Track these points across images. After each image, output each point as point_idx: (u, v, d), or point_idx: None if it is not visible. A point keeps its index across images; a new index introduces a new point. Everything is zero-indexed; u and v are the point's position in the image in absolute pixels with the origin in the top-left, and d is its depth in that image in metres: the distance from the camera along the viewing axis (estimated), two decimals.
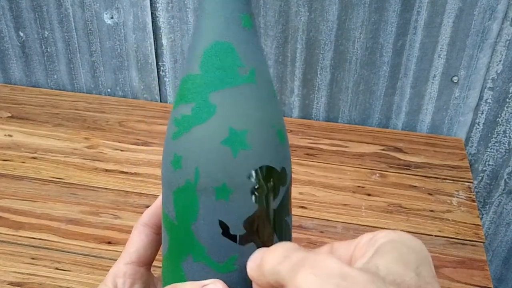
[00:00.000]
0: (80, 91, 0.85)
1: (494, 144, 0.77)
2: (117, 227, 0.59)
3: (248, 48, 0.29)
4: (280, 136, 0.29)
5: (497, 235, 0.84)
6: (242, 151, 0.28)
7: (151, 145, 0.72)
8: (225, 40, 0.28)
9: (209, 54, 0.28)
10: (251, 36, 0.29)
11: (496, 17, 0.67)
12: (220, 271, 0.28)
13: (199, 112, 0.28)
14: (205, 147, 0.28)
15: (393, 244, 0.24)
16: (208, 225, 0.28)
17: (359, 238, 0.26)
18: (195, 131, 0.28)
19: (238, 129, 0.28)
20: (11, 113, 0.78)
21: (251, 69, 0.29)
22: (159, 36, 0.77)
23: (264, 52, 0.31)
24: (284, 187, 0.29)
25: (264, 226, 0.28)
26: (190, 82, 0.29)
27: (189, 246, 0.29)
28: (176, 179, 0.29)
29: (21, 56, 0.83)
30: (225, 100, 0.28)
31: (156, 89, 0.82)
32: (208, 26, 0.29)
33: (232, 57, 0.28)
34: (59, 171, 0.66)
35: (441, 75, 0.73)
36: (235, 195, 0.28)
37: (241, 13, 0.29)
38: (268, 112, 0.29)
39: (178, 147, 0.29)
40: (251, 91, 0.28)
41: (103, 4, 0.76)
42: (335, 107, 0.78)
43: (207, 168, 0.28)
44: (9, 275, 0.53)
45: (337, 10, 0.70)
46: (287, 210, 0.30)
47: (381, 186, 0.66)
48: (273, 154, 0.29)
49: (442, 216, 0.61)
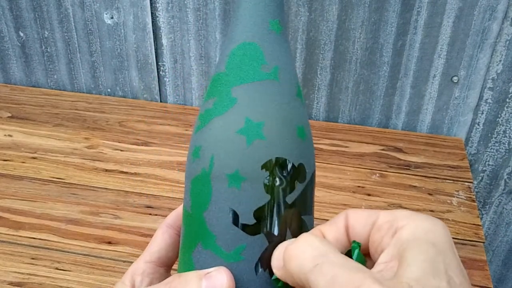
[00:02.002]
0: (80, 91, 0.85)
1: (494, 144, 0.77)
2: (117, 227, 0.59)
3: (273, 48, 0.30)
4: (299, 133, 0.30)
5: (497, 235, 0.85)
6: (257, 142, 0.28)
7: (151, 145, 0.72)
8: (252, 41, 0.30)
9: (236, 54, 0.30)
10: (278, 39, 0.30)
11: (496, 17, 0.67)
12: (227, 260, 0.28)
13: (219, 105, 0.29)
14: (222, 137, 0.29)
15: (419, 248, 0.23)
16: (219, 213, 0.28)
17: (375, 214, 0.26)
18: (214, 122, 0.29)
19: (255, 121, 0.28)
20: (11, 113, 0.78)
21: (274, 67, 0.30)
22: (159, 36, 0.77)
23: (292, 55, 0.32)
24: (302, 184, 0.29)
25: (275, 219, 0.28)
26: (216, 80, 0.30)
27: (200, 234, 0.29)
28: (194, 169, 0.30)
29: (21, 56, 0.83)
30: (245, 94, 0.29)
31: (156, 89, 0.82)
32: (237, 29, 0.30)
33: (256, 55, 0.29)
34: (59, 171, 0.66)
35: (441, 75, 0.73)
36: (247, 183, 0.28)
37: (270, 19, 0.30)
38: (288, 108, 0.30)
39: (198, 139, 0.30)
40: (272, 86, 0.29)
41: (103, 4, 0.76)
42: (335, 107, 0.78)
43: (221, 155, 0.28)
44: (9, 275, 0.53)
45: (337, 10, 0.70)
46: (307, 209, 0.30)
47: (381, 186, 0.66)
48: (289, 148, 0.29)
49: (442, 216, 0.61)
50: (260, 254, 0.28)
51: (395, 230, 0.25)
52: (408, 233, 0.24)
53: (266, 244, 0.28)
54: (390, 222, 0.25)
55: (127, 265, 0.54)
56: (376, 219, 0.26)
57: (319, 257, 0.24)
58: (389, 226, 0.25)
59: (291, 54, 0.32)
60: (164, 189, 0.64)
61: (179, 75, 0.80)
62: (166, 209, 0.61)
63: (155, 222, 0.59)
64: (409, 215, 0.25)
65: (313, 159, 0.31)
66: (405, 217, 0.25)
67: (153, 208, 0.61)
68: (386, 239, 0.25)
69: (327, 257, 0.24)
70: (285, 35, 0.31)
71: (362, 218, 0.27)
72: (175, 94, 0.82)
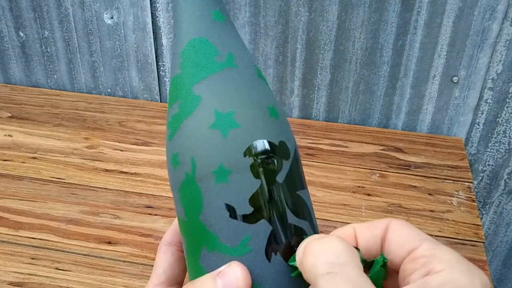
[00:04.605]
0: (80, 91, 0.85)
1: (494, 144, 0.77)
2: (117, 227, 0.59)
3: (222, 37, 0.30)
4: (271, 112, 0.30)
5: (497, 235, 0.85)
6: (232, 131, 0.28)
7: (151, 145, 0.72)
8: (198, 36, 0.30)
9: (187, 53, 0.30)
10: (224, 27, 0.30)
11: (496, 17, 0.67)
12: (236, 254, 0.28)
13: (185, 106, 0.29)
14: (196, 136, 0.28)
15: None
16: (215, 212, 0.28)
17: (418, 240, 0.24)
18: (185, 125, 0.29)
19: (224, 112, 0.28)
20: (11, 113, 0.78)
21: (228, 55, 0.30)
22: (159, 36, 0.77)
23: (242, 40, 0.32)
24: (287, 161, 0.29)
25: (272, 201, 0.28)
26: (175, 83, 0.30)
27: (202, 238, 0.29)
28: (178, 176, 0.29)
29: (21, 56, 0.83)
30: (208, 88, 0.29)
31: (156, 89, 0.82)
32: (182, 28, 0.30)
33: (207, 48, 0.30)
34: (59, 171, 0.66)
35: (441, 75, 0.73)
36: (234, 175, 0.28)
37: (212, 10, 0.30)
38: (254, 91, 0.30)
39: (174, 146, 0.30)
40: (232, 74, 0.29)
41: (103, 4, 0.76)
42: (335, 107, 0.78)
43: (201, 154, 0.28)
44: (9, 275, 0.53)
45: (337, 10, 0.70)
46: (299, 184, 0.30)
47: (381, 186, 0.66)
48: (266, 129, 0.29)
49: (442, 216, 0.61)
50: (266, 240, 0.28)
51: (428, 270, 0.23)
52: (437, 284, 0.22)
53: (270, 229, 0.28)
54: (427, 259, 0.23)
55: (127, 265, 0.54)
56: (417, 247, 0.24)
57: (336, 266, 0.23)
58: (425, 262, 0.23)
59: (241, 40, 0.32)
60: (164, 189, 0.64)
61: None
62: (166, 209, 0.61)
63: (155, 222, 0.59)
64: (451, 261, 0.22)
65: (291, 135, 0.31)
66: (445, 261, 0.23)
67: (153, 208, 0.61)
68: (416, 275, 0.23)
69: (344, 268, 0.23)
70: (230, 22, 0.31)
71: (401, 238, 0.25)
72: None
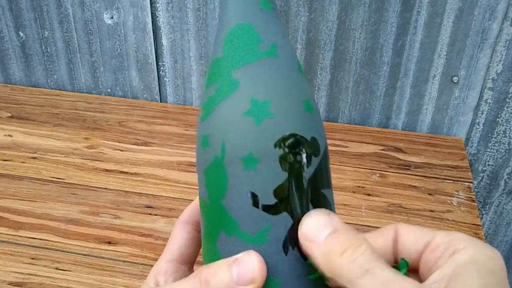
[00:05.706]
0: (80, 91, 0.85)
1: (494, 144, 0.77)
2: (117, 227, 0.59)
3: (268, 26, 0.30)
4: (306, 106, 0.30)
5: (497, 235, 0.85)
6: (266, 120, 0.28)
7: (151, 145, 0.72)
8: (244, 22, 0.30)
9: (231, 37, 0.30)
10: (271, 16, 0.30)
11: (496, 17, 0.67)
12: (253, 243, 0.28)
13: (222, 90, 0.29)
14: (230, 121, 0.28)
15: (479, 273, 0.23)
16: (238, 198, 0.28)
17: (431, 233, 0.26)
18: (219, 108, 0.29)
19: (260, 100, 0.28)
20: (11, 113, 0.78)
21: (271, 45, 0.29)
22: (159, 36, 0.77)
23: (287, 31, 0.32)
24: (317, 158, 0.29)
25: (296, 196, 0.28)
26: (215, 66, 0.30)
27: (222, 222, 0.29)
28: (206, 158, 0.29)
29: (21, 56, 0.83)
30: (247, 75, 0.29)
31: (156, 89, 0.82)
32: (229, 12, 0.30)
33: (251, 35, 0.29)
34: (59, 171, 0.66)
35: (441, 75, 0.73)
36: (262, 164, 0.28)
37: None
38: (292, 84, 0.29)
39: (205, 127, 0.30)
40: (273, 64, 0.29)
41: (103, 4, 0.76)
42: (335, 107, 0.78)
43: (232, 140, 0.28)
44: (9, 275, 0.53)
45: (337, 10, 0.70)
46: (325, 183, 0.30)
47: (381, 186, 0.66)
48: (299, 123, 0.29)
49: (442, 216, 0.61)
50: (286, 233, 0.28)
51: (453, 251, 0.24)
52: (467, 257, 0.23)
53: (291, 222, 0.28)
54: (447, 243, 0.25)
55: (127, 265, 0.54)
56: (432, 239, 0.25)
57: (371, 262, 0.24)
58: (446, 247, 0.25)
59: (286, 31, 0.32)
60: (164, 189, 0.64)
61: (179, 75, 0.80)
62: (166, 209, 0.61)
63: (155, 222, 0.59)
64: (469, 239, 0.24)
65: (323, 132, 0.31)
66: (464, 240, 0.24)
67: (153, 208, 0.61)
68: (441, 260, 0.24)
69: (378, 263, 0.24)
70: (277, 12, 0.31)
71: (413, 235, 0.26)
72: (175, 94, 0.82)
